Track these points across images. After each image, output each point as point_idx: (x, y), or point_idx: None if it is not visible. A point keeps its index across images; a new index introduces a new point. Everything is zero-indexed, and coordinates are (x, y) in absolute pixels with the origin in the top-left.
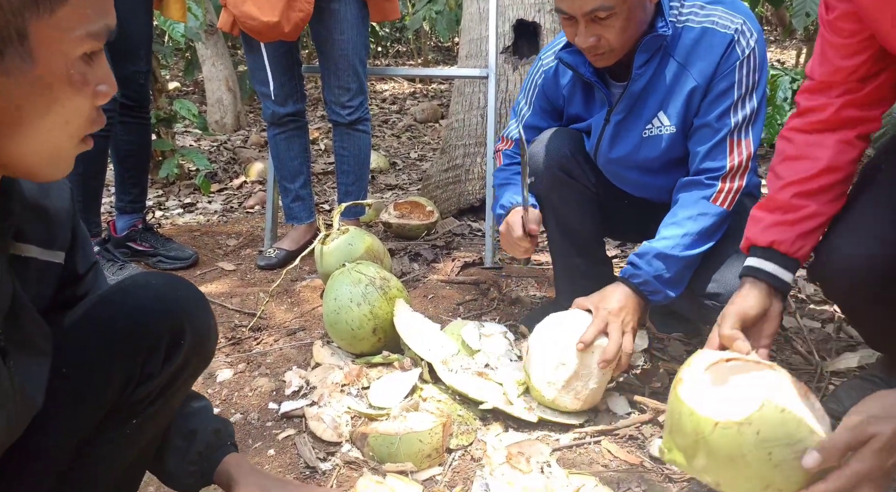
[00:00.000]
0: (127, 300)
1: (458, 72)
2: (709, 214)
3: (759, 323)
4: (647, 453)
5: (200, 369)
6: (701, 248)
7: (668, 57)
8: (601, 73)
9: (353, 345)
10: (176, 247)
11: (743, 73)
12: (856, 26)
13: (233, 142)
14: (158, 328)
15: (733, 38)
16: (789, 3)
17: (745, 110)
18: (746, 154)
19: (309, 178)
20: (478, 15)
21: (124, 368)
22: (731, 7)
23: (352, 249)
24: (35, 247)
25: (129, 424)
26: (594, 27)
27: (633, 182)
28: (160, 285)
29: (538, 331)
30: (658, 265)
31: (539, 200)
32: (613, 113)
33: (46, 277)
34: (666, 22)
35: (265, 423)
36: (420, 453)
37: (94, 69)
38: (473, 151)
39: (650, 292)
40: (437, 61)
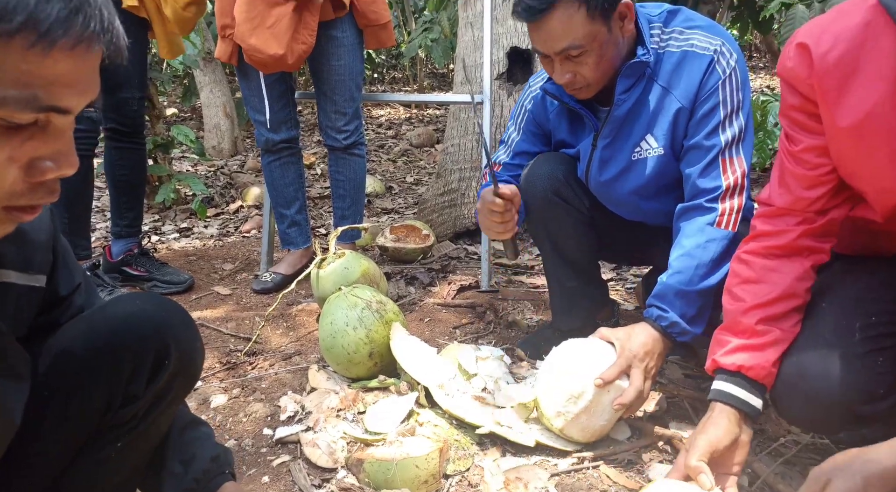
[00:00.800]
0: (109, 321)
1: (453, 98)
2: (716, 239)
3: (729, 450)
4: (645, 478)
5: (187, 389)
6: (716, 276)
7: (653, 82)
8: (587, 100)
9: (349, 369)
10: (171, 271)
11: (727, 91)
12: (820, 160)
13: (230, 167)
14: (141, 349)
15: (713, 58)
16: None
17: (733, 128)
18: (741, 171)
19: (304, 203)
20: (472, 42)
21: (107, 389)
22: (710, 30)
23: (348, 273)
24: (13, 272)
25: (114, 446)
26: (568, 64)
27: (625, 205)
28: (143, 305)
29: (556, 355)
30: (681, 304)
31: (533, 224)
32: (600, 138)
33: (26, 302)
34: (647, 49)
35: (259, 449)
36: (417, 478)
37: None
38: (469, 176)
39: (678, 334)
40: (433, 87)
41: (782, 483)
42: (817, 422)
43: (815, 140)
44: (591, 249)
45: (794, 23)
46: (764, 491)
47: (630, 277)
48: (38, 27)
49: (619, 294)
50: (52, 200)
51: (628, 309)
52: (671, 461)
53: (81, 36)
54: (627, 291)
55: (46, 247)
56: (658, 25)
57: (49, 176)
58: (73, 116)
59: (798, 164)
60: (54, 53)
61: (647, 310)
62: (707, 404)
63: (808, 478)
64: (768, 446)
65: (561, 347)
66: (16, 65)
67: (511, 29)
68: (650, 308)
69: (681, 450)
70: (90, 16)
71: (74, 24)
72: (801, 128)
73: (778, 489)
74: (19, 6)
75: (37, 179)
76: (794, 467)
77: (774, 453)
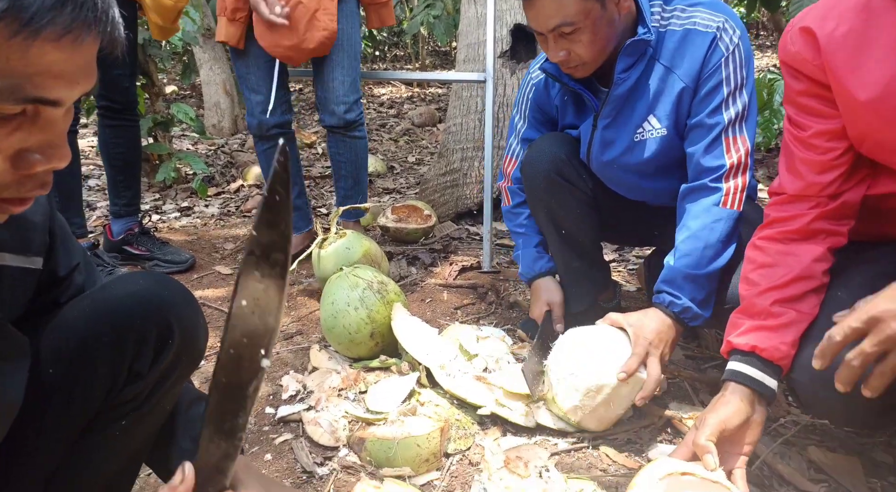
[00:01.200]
0: (111, 300)
1: (455, 76)
2: (722, 219)
3: (740, 430)
4: (645, 458)
5: (191, 368)
6: (724, 257)
7: (654, 61)
8: (588, 80)
9: (350, 349)
10: (172, 251)
11: (730, 69)
12: (830, 144)
13: (230, 145)
14: (145, 327)
15: (715, 35)
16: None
17: (736, 106)
18: (744, 150)
19: (303, 187)
20: (475, 20)
21: (111, 367)
22: (712, 7)
23: (349, 253)
24: (8, 254)
25: (118, 425)
26: (562, 42)
27: (627, 185)
28: (145, 284)
29: (567, 345)
30: (691, 288)
31: (535, 205)
32: (600, 118)
33: (22, 284)
34: (648, 27)
35: (262, 427)
36: (418, 457)
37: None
38: (471, 155)
39: (690, 318)
40: (435, 65)
41: (781, 463)
42: (840, 413)
43: (824, 124)
44: (594, 229)
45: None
46: (763, 471)
47: (632, 258)
48: (21, 15)
49: (621, 275)
50: (42, 192)
51: (630, 290)
52: (671, 442)
53: (70, 26)
54: (629, 272)
55: (43, 228)
56: (659, 3)
57: (38, 168)
58: (65, 108)
59: (808, 149)
60: (39, 43)
61: (657, 295)
62: (708, 384)
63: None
64: (768, 427)
65: (570, 336)
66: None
67: (515, 6)
68: (661, 294)
69: (690, 429)
70: (81, 4)
71: (62, 12)
72: (808, 113)
73: (777, 469)
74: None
75: (25, 172)
76: (792, 447)
77: (774, 433)
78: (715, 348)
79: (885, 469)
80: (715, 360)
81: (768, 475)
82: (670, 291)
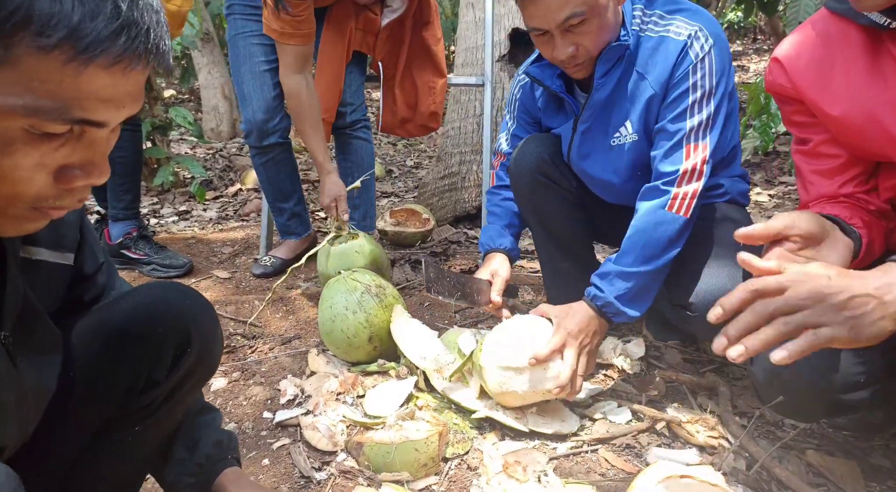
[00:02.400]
0: (136, 306)
1: (454, 80)
2: (665, 223)
3: (819, 248)
4: (644, 462)
5: (205, 378)
6: (661, 261)
7: (631, 67)
8: (569, 85)
9: (348, 353)
10: (170, 255)
11: (697, 76)
12: (834, 150)
13: (228, 149)
14: (166, 335)
15: (685, 43)
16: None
17: (700, 115)
18: (701, 157)
19: (301, 193)
20: (474, 24)
21: (130, 372)
22: (691, 16)
23: (357, 257)
24: (45, 249)
25: (132, 430)
26: (569, 37)
27: (606, 188)
28: (169, 293)
29: (503, 326)
30: (620, 285)
31: (522, 205)
32: (579, 122)
33: (56, 279)
34: (628, 31)
35: (260, 432)
36: (416, 462)
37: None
38: (469, 159)
39: (613, 314)
40: None
41: (780, 467)
42: (798, 409)
43: (824, 134)
44: (581, 229)
45: (799, 4)
46: (761, 475)
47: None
48: (78, 44)
49: None
50: (78, 206)
51: None
52: (669, 446)
53: (121, 55)
54: None
55: (75, 226)
56: (640, 7)
57: (77, 184)
58: (109, 129)
59: (816, 158)
60: (91, 69)
61: (587, 288)
62: (706, 388)
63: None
64: (766, 430)
65: (508, 321)
66: (51, 77)
67: (513, 10)
68: (589, 287)
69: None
70: (135, 35)
71: (115, 43)
72: (807, 127)
73: (775, 473)
74: (62, 21)
75: (65, 186)
76: (791, 451)
77: (772, 437)
78: (712, 352)
79: (884, 473)
80: (713, 363)
81: (767, 479)
82: (598, 285)
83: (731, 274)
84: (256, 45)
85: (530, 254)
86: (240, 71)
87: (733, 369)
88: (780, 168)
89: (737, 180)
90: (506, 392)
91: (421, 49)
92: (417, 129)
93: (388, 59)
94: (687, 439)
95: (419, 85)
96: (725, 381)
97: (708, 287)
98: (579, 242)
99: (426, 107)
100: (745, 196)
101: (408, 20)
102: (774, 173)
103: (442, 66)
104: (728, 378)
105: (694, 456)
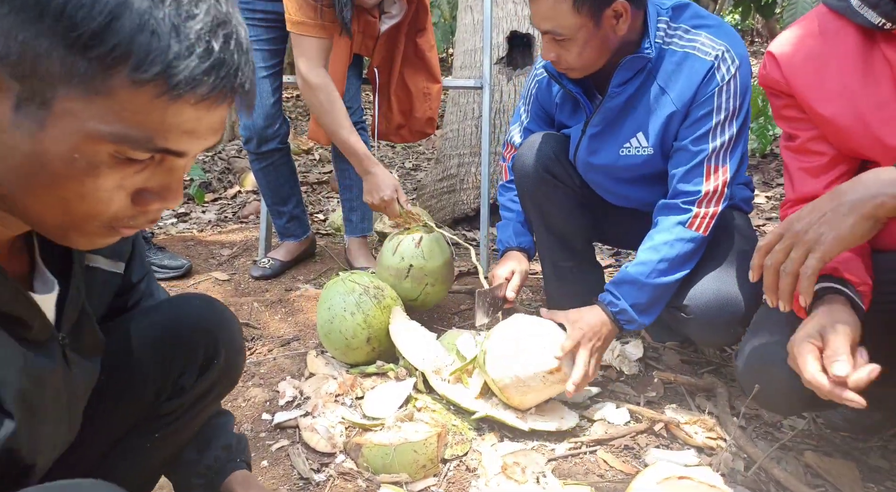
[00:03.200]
0: (172, 315)
1: (452, 82)
2: (684, 240)
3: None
4: (642, 463)
5: (227, 390)
6: (676, 275)
7: (652, 79)
8: (586, 85)
9: (347, 355)
10: (169, 256)
11: (722, 99)
12: (821, 147)
13: (227, 152)
14: (196, 344)
15: (713, 64)
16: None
17: (723, 136)
18: (722, 180)
19: (300, 196)
20: (472, 27)
21: (161, 376)
22: (716, 33)
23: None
24: (102, 258)
25: (152, 437)
26: (553, 45)
27: (611, 192)
28: (200, 304)
29: (508, 324)
30: (635, 294)
31: (526, 202)
32: (589, 125)
33: (108, 285)
34: (651, 44)
35: (258, 434)
36: (415, 463)
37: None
38: (468, 161)
39: (625, 321)
40: None
41: (778, 468)
42: (777, 403)
43: (812, 131)
44: (584, 229)
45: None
46: (760, 476)
47: (627, 262)
48: (171, 81)
49: None
50: (150, 226)
51: None
52: (667, 447)
53: (210, 93)
54: None
55: (129, 240)
56: (665, 19)
57: (153, 206)
58: (190, 158)
59: (804, 155)
60: (178, 104)
61: (602, 294)
62: (704, 389)
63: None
64: (764, 431)
65: (513, 319)
66: (141, 109)
67: (511, 13)
68: (604, 293)
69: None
70: (224, 75)
71: (206, 81)
72: (796, 123)
73: (774, 474)
74: (158, 58)
75: (141, 208)
76: (789, 452)
77: (770, 438)
78: (711, 354)
79: (882, 474)
80: (711, 365)
81: (765, 480)
82: (613, 292)
83: (727, 278)
84: (255, 51)
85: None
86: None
87: (731, 370)
88: (778, 170)
89: (741, 187)
90: (511, 388)
91: (415, 55)
92: (413, 134)
93: (383, 66)
94: (685, 440)
95: (414, 91)
96: (723, 382)
97: (703, 290)
98: (581, 241)
99: (422, 113)
100: (749, 203)
101: (403, 27)
102: (772, 175)
103: (436, 72)
104: (726, 379)
105: (692, 457)
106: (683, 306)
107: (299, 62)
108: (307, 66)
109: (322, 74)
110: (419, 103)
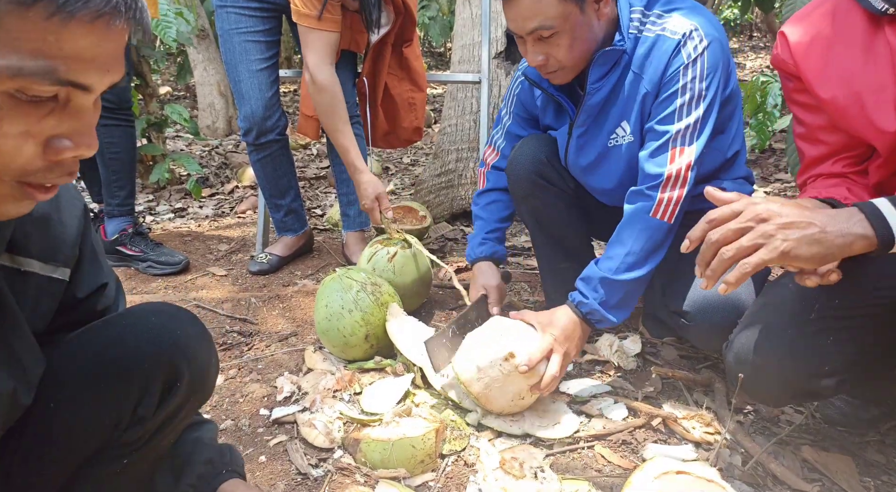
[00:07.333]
0: (122, 336)
1: (450, 77)
2: (650, 229)
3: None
4: (640, 458)
5: (198, 406)
6: (645, 268)
7: (628, 69)
8: (568, 86)
9: (345, 352)
10: (166, 252)
11: (688, 78)
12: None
13: (224, 146)
14: (152, 371)
15: (679, 41)
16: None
17: (689, 118)
18: (686, 163)
19: (298, 190)
20: (470, 21)
21: (115, 410)
22: (688, 13)
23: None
24: (36, 261)
25: (119, 463)
26: (541, 46)
27: (603, 191)
28: (158, 322)
29: (484, 328)
30: (603, 291)
31: (519, 207)
32: (575, 126)
33: (48, 294)
34: (623, 36)
35: (256, 429)
36: (413, 458)
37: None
38: (466, 156)
39: (596, 320)
40: (430, 66)
41: (775, 463)
42: (767, 394)
43: (821, 118)
44: (580, 229)
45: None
46: (757, 470)
47: None
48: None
49: None
50: (69, 180)
51: None
52: (665, 442)
53: (102, 10)
54: None
55: (73, 242)
56: (639, 9)
57: (66, 155)
58: (95, 96)
59: (813, 144)
60: (73, 26)
61: (570, 293)
62: (702, 384)
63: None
64: (762, 426)
65: (489, 323)
66: (34, 35)
67: None
68: (573, 292)
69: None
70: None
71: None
72: (805, 108)
73: (771, 469)
74: None
75: (54, 158)
76: (786, 446)
77: (767, 432)
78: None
79: (879, 468)
80: (708, 360)
81: (762, 475)
82: (582, 291)
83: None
84: (252, 42)
85: (527, 251)
86: (236, 69)
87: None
88: (776, 165)
89: (740, 182)
90: (474, 382)
91: (400, 66)
92: (400, 141)
93: (370, 77)
94: (683, 435)
95: (399, 102)
96: (721, 377)
97: (703, 295)
98: (578, 241)
99: (409, 123)
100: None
101: (390, 38)
102: (771, 171)
103: (422, 81)
104: (723, 375)
105: (690, 452)
106: (684, 312)
107: (307, 57)
108: (315, 63)
109: (329, 74)
110: (405, 113)
